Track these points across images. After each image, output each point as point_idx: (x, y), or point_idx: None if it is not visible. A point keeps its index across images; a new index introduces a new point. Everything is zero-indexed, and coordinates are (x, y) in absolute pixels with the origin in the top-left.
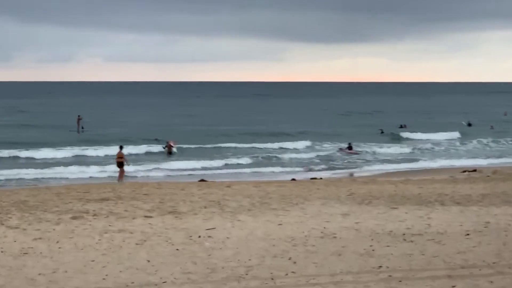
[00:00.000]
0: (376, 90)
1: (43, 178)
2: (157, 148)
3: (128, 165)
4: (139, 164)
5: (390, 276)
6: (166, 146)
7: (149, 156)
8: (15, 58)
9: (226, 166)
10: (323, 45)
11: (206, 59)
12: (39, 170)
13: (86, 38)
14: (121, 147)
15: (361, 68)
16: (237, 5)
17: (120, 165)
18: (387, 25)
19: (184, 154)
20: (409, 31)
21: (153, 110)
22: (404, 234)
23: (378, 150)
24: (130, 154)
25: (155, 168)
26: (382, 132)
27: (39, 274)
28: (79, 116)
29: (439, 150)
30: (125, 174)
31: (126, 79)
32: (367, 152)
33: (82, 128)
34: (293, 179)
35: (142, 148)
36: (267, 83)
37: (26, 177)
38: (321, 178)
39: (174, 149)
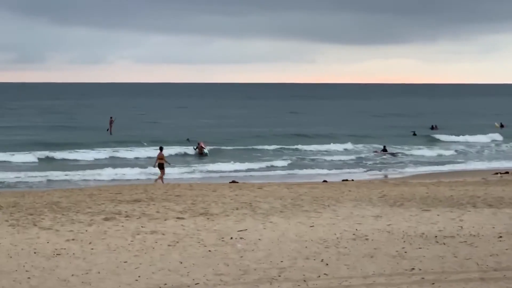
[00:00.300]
0: (407, 92)
1: (79, 180)
2: (189, 149)
3: (169, 164)
4: (172, 166)
5: (423, 278)
6: (197, 147)
7: (181, 158)
8: (48, 59)
9: (266, 168)
10: (354, 47)
11: (237, 61)
12: (73, 172)
13: (117, 39)
14: (161, 148)
15: (392, 70)
16: (269, 6)
17: (161, 166)
18: (419, 26)
19: (220, 156)
20: (440, 32)
21: (186, 111)
22: (436, 236)
23: (411, 152)
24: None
25: (190, 170)
26: (414, 134)
27: (72, 275)
28: (111, 117)
29: (471, 152)
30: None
31: (157, 80)
32: (401, 154)
33: (110, 133)
34: (325, 181)
35: (174, 150)
36: (298, 84)
37: (60, 178)
38: (352, 180)
39: (205, 150)
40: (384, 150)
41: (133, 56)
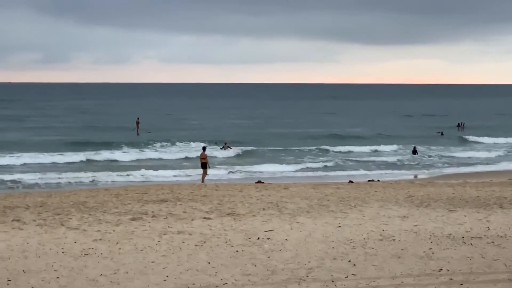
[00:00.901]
0: (432, 92)
1: (125, 181)
2: (219, 150)
3: (209, 167)
4: (214, 167)
5: (451, 279)
6: (223, 147)
7: (214, 159)
8: (74, 59)
9: (305, 169)
10: (378, 47)
11: (261, 61)
12: (117, 172)
13: (143, 39)
14: (204, 148)
15: (416, 70)
16: (293, 6)
17: (204, 166)
18: (443, 27)
19: (254, 156)
20: (465, 33)
21: (215, 111)
22: (463, 237)
23: (440, 152)
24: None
25: (233, 171)
26: (441, 134)
27: (100, 275)
28: (138, 118)
29: (498, 152)
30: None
31: (182, 80)
32: (429, 155)
33: (138, 133)
34: (351, 181)
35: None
36: (322, 85)
37: (89, 179)
38: (378, 180)
39: (231, 150)
40: (414, 151)
41: (158, 56)
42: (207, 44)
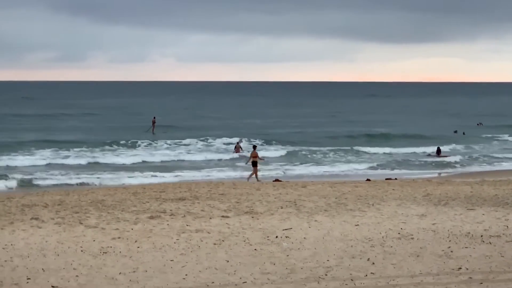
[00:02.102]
0: (450, 90)
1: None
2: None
3: (263, 160)
4: (265, 163)
5: (470, 278)
6: (235, 148)
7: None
8: (90, 58)
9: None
10: (395, 45)
11: (278, 59)
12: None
13: (159, 38)
14: (254, 147)
15: (433, 68)
16: (309, 4)
17: (254, 163)
18: (460, 25)
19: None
20: (481, 31)
21: (239, 109)
22: (482, 236)
23: (464, 150)
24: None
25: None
26: (463, 134)
27: (120, 273)
28: (154, 118)
29: None
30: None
31: (199, 79)
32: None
33: (153, 133)
34: (368, 180)
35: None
36: (339, 83)
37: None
38: (395, 179)
39: (242, 150)
40: (438, 151)
41: (175, 55)
42: (224, 42)
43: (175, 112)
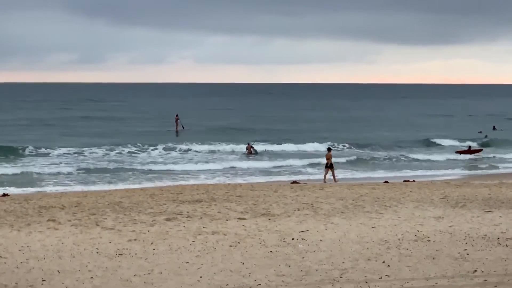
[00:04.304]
0: (469, 92)
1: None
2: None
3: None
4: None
5: (485, 280)
6: (246, 148)
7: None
8: (109, 59)
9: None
10: (414, 47)
11: (297, 61)
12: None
13: (178, 39)
14: (329, 149)
15: (452, 70)
16: (328, 6)
17: (330, 165)
18: (478, 26)
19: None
20: (501, 32)
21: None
22: (498, 238)
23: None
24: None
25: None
26: (485, 136)
27: (134, 275)
28: (176, 115)
29: None
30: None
31: (217, 80)
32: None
33: (183, 127)
34: (386, 182)
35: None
36: (360, 85)
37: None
38: (413, 181)
39: (254, 150)
40: (469, 149)
41: (193, 56)
42: (242, 44)
43: (194, 112)
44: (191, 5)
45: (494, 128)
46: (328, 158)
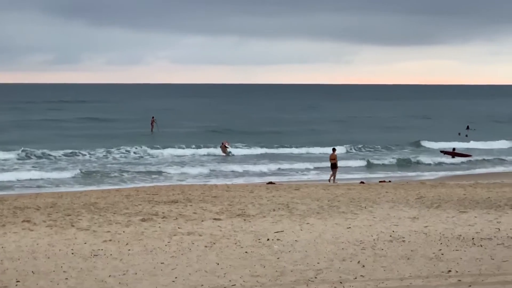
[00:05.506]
0: (444, 93)
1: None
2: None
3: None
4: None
5: (459, 280)
6: (220, 146)
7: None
8: (85, 60)
9: None
10: (391, 48)
11: (273, 62)
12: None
13: (154, 40)
14: (333, 150)
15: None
16: (305, 7)
17: (334, 166)
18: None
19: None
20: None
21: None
22: (473, 238)
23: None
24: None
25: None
26: (466, 136)
27: (109, 276)
28: (153, 117)
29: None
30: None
31: (194, 81)
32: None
33: (158, 130)
34: (362, 182)
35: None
36: (336, 86)
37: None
38: (389, 181)
39: (229, 149)
40: (454, 151)
41: (170, 57)
42: (218, 45)
43: (169, 113)
44: (167, 6)
45: (467, 128)
46: (333, 158)
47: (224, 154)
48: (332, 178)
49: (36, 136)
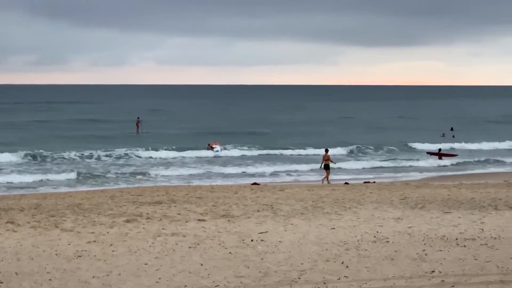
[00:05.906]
0: (430, 94)
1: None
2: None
3: (335, 164)
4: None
5: (443, 281)
6: (207, 148)
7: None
8: (70, 61)
9: None
10: (376, 49)
11: (259, 63)
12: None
13: (139, 41)
14: (326, 150)
15: (414, 72)
16: (290, 8)
17: (326, 166)
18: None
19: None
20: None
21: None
22: (457, 239)
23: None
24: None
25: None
26: (452, 137)
27: (93, 277)
28: (138, 118)
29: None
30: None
31: (179, 82)
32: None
33: (142, 131)
34: (346, 183)
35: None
36: (322, 86)
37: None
38: (374, 182)
39: (216, 149)
40: (439, 152)
41: (155, 58)
42: (204, 46)
43: (155, 114)
44: (153, 7)
45: (451, 129)
46: (326, 159)
47: (210, 155)
48: (325, 178)
49: (21, 137)
